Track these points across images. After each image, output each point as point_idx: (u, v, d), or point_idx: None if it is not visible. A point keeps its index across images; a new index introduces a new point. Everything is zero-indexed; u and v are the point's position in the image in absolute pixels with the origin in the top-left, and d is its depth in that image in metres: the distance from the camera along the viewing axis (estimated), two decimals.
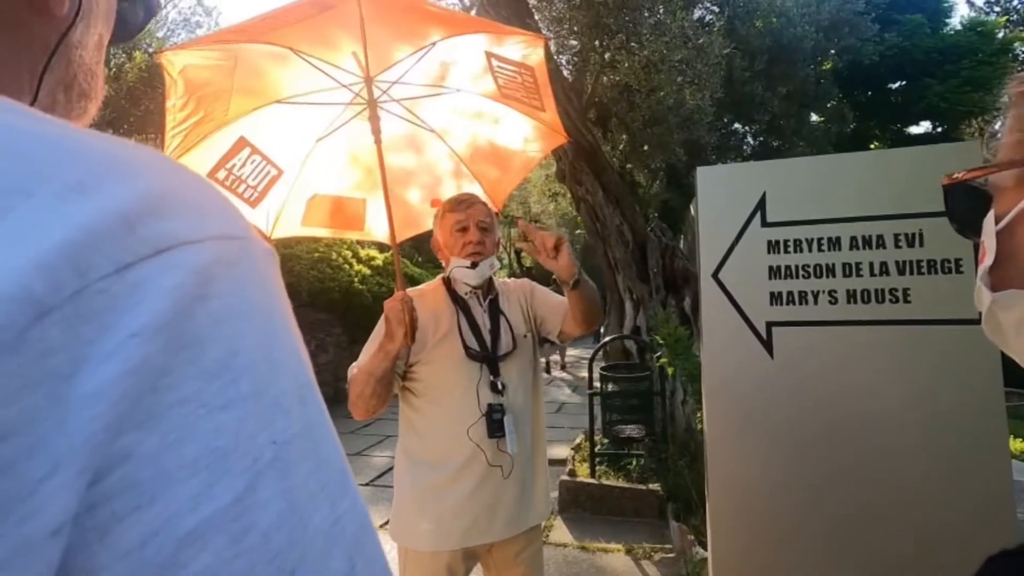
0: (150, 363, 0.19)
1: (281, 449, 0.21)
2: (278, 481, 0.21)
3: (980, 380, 1.58)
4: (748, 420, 1.75)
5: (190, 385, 0.20)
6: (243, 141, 1.70)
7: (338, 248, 8.96)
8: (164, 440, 0.19)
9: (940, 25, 12.20)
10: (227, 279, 0.22)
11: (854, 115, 10.51)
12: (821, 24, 8.19)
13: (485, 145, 2.00)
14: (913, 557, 1.56)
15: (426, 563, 1.46)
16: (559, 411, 7.75)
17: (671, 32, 5.23)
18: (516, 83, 1.81)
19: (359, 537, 0.24)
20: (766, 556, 1.69)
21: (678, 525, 3.30)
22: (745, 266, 1.79)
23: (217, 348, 0.21)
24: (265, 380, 0.22)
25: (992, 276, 0.43)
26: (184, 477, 0.19)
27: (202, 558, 0.18)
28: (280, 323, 0.24)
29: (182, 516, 0.18)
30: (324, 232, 1.99)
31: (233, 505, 0.19)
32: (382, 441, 5.83)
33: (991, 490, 1.54)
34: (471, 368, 1.52)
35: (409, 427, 1.57)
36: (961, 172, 0.47)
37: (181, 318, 0.20)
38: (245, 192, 1.74)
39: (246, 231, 0.24)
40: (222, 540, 0.19)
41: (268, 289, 0.24)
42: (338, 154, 1.93)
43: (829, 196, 1.75)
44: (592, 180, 5.44)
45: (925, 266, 1.66)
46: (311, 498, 0.22)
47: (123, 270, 0.19)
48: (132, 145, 0.24)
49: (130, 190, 0.21)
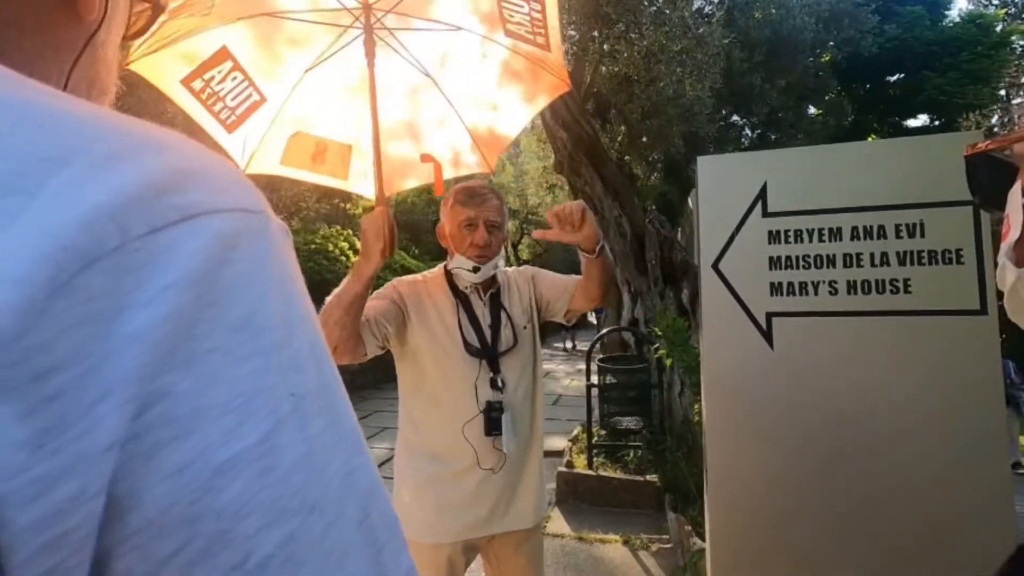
0: (183, 313, 0.21)
1: (300, 401, 0.24)
2: (298, 429, 0.23)
3: (980, 371, 1.58)
4: (747, 411, 1.75)
5: (218, 336, 0.22)
6: (225, 52, 1.54)
7: (334, 240, 8.94)
8: (198, 382, 0.21)
9: (939, 17, 12.16)
10: (247, 247, 0.24)
11: (853, 108, 10.47)
12: (821, 15, 8.14)
13: (481, 95, 1.85)
14: (911, 548, 1.57)
15: (427, 554, 1.45)
16: (557, 403, 7.77)
17: (671, 22, 5.18)
18: (522, 14, 1.66)
19: (372, 491, 0.26)
20: (763, 546, 1.69)
21: (675, 516, 3.32)
22: (745, 256, 1.78)
23: (241, 307, 0.23)
24: (282, 339, 0.24)
25: (1017, 251, 0.42)
26: (216, 416, 0.21)
27: (234, 486, 0.21)
28: (294, 292, 0.26)
29: (215, 449, 0.21)
30: (305, 175, 1.83)
31: (259, 444, 0.22)
32: (380, 432, 5.83)
33: (990, 481, 1.54)
34: (470, 364, 1.50)
35: (408, 420, 1.56)
36: (985, 142, 0.44)
37: (208, 277, 0.22)
38: (222, 112, 1.59)
39: (264, 207, 0.27)
40: (251, 473, 0.21)
41: (283, 260, 0.26)
42: (327, 91, 1.77)
43: (830, 186, 1.73)
44: (590, 171, 5.41)
45: (926, 256, 1.65)
46: (327, 448, 0.24)
47: (156, 232, 0.21)
48: (159, 127, 0.27)
49: (159, 163, 0.23)
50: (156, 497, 0.20)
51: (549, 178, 9.97)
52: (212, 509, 0.20)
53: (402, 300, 1.53)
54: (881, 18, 9.94)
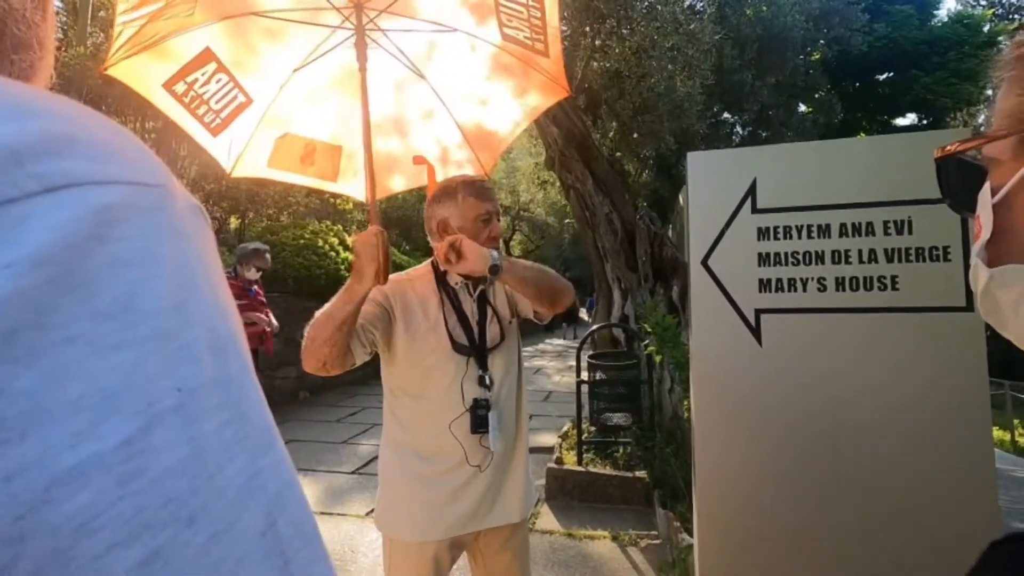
0: (27, 296, 0.18)
1: (187, 396, 0.21)
2: (181, 428, 0.20)
3: (966, 368, 1.58)
4: (735, 407, 1.75)
5: (80, 324, 0.19)
6: (209, 53, 1.48)
7: (324, 235, 8.87)
8: (44, 377, 0.18)
9: (928, 17, 12.26)
10: (135, 223, 0.21)
11: (842, 106, 10.54)
12: (811, 13, 8.18)
13: (475, 97, 1.83)
14: (896, 540, 1.57)
15: (413, 553, 1.44)
16: (547, 399, 7.77)
17: (662, 17, 5.18)
18: (520, 18, 1.63)
19: (284, 494, 0.23)
20: (751, 541, 1.70)
21: (664, 512, 3.33)
22: (735, 253, 1.78)
23: (115, 290, 0.20)
24: (171, 327, 0.21)
25: (989, 251, 0.41)
26: (65, 415, 0.18)
27: (79, 497, 0.18)
28: (200, 275, 0.23)
29: (58, 454, 0.18)
30: (293, 178, 1.78)
31: (122, 447, 0.19)
32: (368, 430, 5.80)
33: (974, 476, 1.55)
34: (457, 362, 1.48)
35: (393, 418, 1.54)
36: (953, 144, 0.44)
37: (72, 255, 0.19)
38: (206, 116, 1.53)
39: (165, 181, 0.24)
40: (105, 480, 0.18)
41: (186, 240, 0.23)
42: (317, 91, 1.72)
43: (820, 183, 1.73)
44: (582, 168, 5.41)
45: (914, 254, 1.65)
46: (224, 449, 0.21)
47: (6, 204, 0.18)
48: (46, 92, 0.23)
49: (24, 128, 0.20)
50: None
51: (541, 174, 9.96)
52: (47, 525, 0.17)
53: (387, 301, 1.50)
54: (871, 17, 10.02)
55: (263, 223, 9.58)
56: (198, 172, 8.21)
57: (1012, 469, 5.27)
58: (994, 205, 0.40)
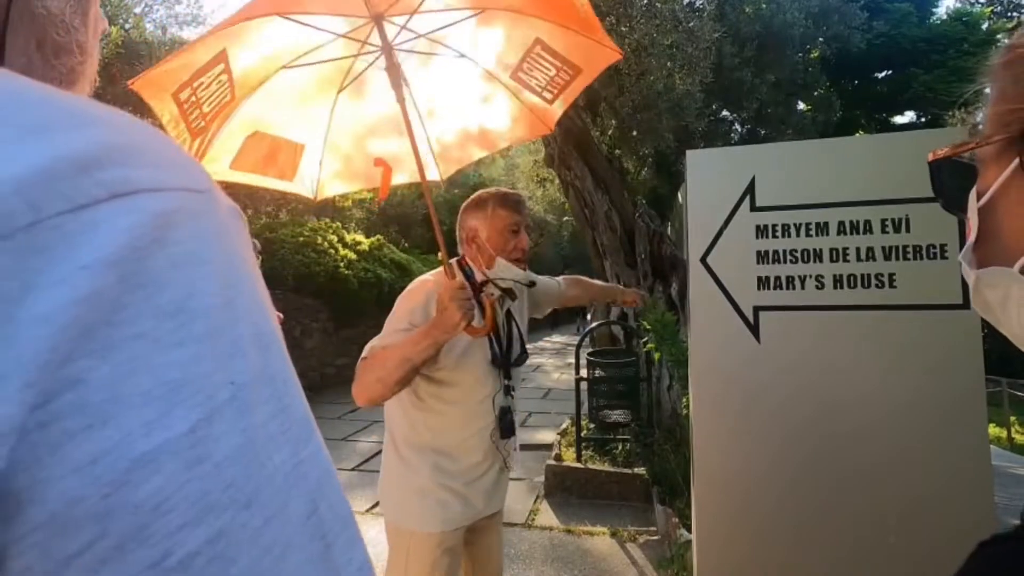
0: (102, 295, 0.20)
1: (239, 390, 0.22)
2: (235, 419, 0.22)
3: (962, 364, 1.60)
4: (734, 404, 1.76)
5: (145, 322, 0.20)
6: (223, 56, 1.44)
7: (323, 232, 8.86)
8: (117, 369, 0.20)
9: (927, 14, 12.25)
10: (188, 227, 0.23)
11: (841, 104, 10.52)
12: (810, 11, 8.17)
13: (455, 115, 1.83)
14: (896, 536, 1.59)
15: (436, 544, 1.51)
16: (546, 397, 7.79)
17: (662, 15, 5.17)
18: (545, 75, 1.65)
19: (323, 482, 0.24)
20: (750, 538, 1.71)
21: (663, 508, 3.34)
22: (733, 250, 1.78)
23: (174, 290, 0.22)
24: (222, 324, 0.23)
25: (976, 253, 0.43)
26: (138, 404, 0.20)
27: (154, 479, 0.19)
28: (243, 275, 0.25)
29: (135, 439, 0.19)
30: (252, 179, 1.73)
31: (187, 434, 0.20)
32: (368, 426, 5.81)
33: (970, 472, 1.56)
34: (494, 375, 1.55)
35: (418, 422, 1.55)
36: (946, 148, 0.46)
37: (137, 257, 0.21)
38: (195, 120, 1.49)
39: (210, 186, 0.25)
40: (175, 465, 0.20)
41: (230, 242, 0.25)
42: (297, 87, 1.67)
43: (818, 181, 1.74)
44: (581, 165, 5.40)
45: (911, 251, 1.66)
46: (271, 439, 0.23)
47: (78, 210, 0.20)
48: (99, 103, 0.24)
49: (88, 137, 0.22)
50: (62, 490, 0.18)
51: (540, 172, 9.94)
52: (128, 503, 0.19)
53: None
54: (870, 14, 9.99)
55: (262, 220, 9.57)
56: None
57: (1009, 466, 5.29)
58: (980, 209, 0.41)
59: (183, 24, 10.91)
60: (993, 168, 0.40)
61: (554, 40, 1.62)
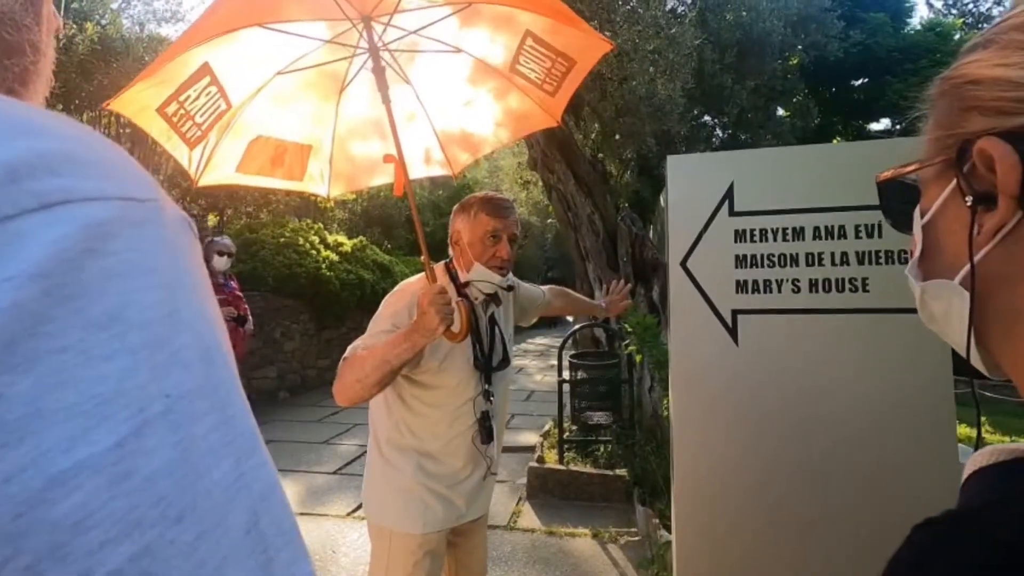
0: (25, 308, 0.19)
1: (175, 402, 0.22)
2: (169, 432, 0.21)
3: (932, 367, 1.64)
4: (713, 406, 1.78)
5: (73, 334, 0.20)
6: (206, 68, 1.46)
7: (304, 233, 8.77)
8: (39, 384, 0.19)
9: (901, 25, 12.55)
10: (128, 237, 0.22)
11: (819, 110, 10.73)
12: (789, 19, 8.33)
13: (462, 110, 1.85)
14: (868, 533, 1.63)
15: (417, 546, 1.51)
16: (529, 399, 7.80)
17: (644, 21, 5.23)
18: (542, 67, 1.66)
19: (267, 496, 0.24)
20: (728, 536, 1.74)
21: (644, 509, 3.37)
22: (712, 254, 1.81)
23: (107, 301, 0.21)
24: (162, 335, 0.22)
25: (921, 268, 0.46)
26: (60, 420, 0.19)
27: (75, 496, 0.19)
28: (188, 286, 0.25)
29: (54, 456, 0.19)
30: (260, 181, 1.76)
31: (113, 449, 0.20)
32: (349, 430, 5.76)
33: (940, 471, 1.60)
34: (476, 377, 1.54)
35: (400, 424, 1.56)
36: (890, 170, 0.49)
37: (65, 269, 0.20)
38: (188, 131, 1.51)
39: (156, 195, 0.25)
40: (98, 481, 0.19)
41: (176, 252, 0.25)
42: (296, 92, 1.70)
43: (795, 187, 1.78)
44: (564, 168, 5.44)
45: (883, 256, 1.71)
46: (211, 451, 0.22)
47: (5, 220, 0.19)
48: (43, 110, 0.24)
49: (21, 146, 0.21)
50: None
51: (523, 174, 9.97)
52: (44, 522, 0.18)
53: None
54: (846, 24, 10.22)
55: (242, 220, 9.44)
56: (174, 169, 8.06)
57: None
58: (923, 226, 0.44)
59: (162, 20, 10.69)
60: (934, 188, 0.42)
61: (543, 32, 1.65)
